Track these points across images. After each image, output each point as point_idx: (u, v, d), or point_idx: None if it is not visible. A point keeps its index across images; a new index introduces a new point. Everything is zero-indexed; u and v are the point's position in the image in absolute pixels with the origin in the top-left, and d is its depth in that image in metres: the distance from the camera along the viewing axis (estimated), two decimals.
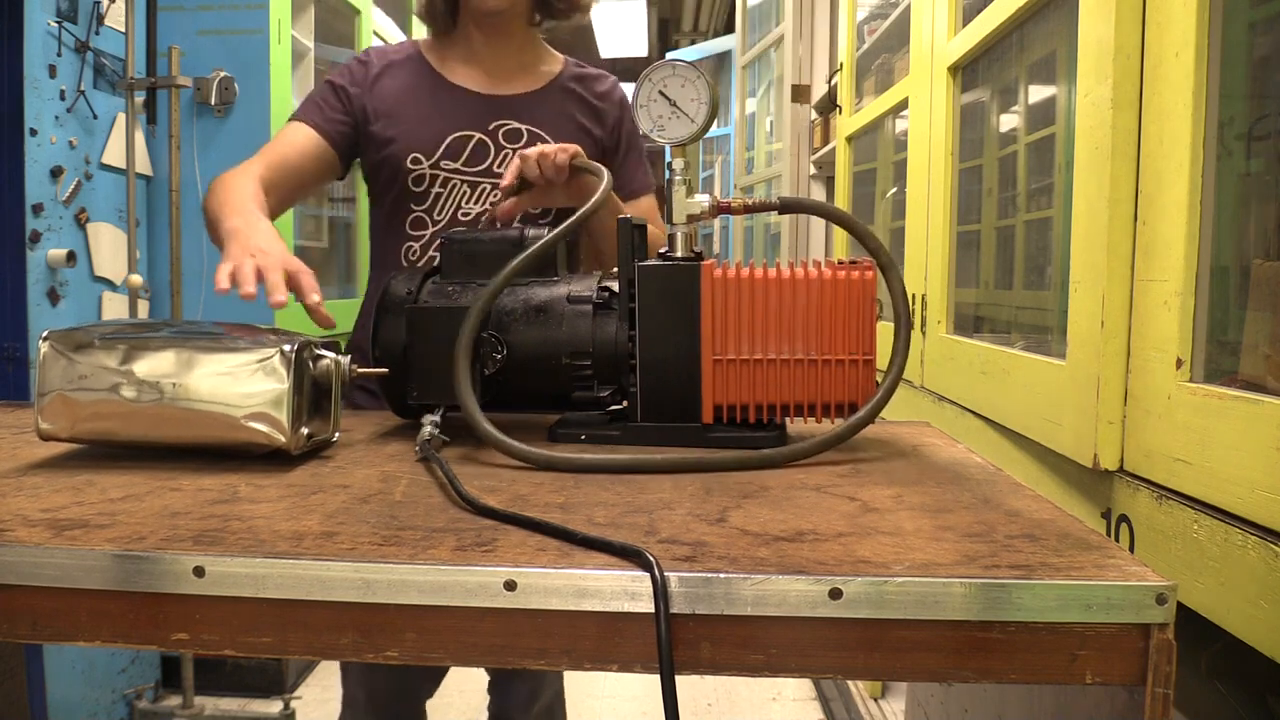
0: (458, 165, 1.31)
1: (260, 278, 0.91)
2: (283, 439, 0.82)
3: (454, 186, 1.31)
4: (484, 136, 1.32)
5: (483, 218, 1.32)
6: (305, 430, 0.84)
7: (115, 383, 0.83)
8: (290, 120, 1.33)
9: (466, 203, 1.32)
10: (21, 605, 0.60)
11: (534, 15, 1.39)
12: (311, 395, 0.86)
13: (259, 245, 0.96)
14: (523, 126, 1.33)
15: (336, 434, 0.92)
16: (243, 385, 0.81)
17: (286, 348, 0.82)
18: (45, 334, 0.85)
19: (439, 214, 1.32)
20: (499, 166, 1.31)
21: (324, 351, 0.88)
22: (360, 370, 0.91)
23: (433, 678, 1.54)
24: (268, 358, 0.82)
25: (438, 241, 1.28)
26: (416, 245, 1.33)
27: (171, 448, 0.86)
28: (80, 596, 0.59)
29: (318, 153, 1.30)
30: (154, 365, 0.82)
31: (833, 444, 0.85)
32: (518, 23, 1.37)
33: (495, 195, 1.31)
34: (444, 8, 1.36)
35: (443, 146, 1.31)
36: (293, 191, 1.31)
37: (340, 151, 1.33)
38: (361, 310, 1.44)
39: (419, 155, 1.30)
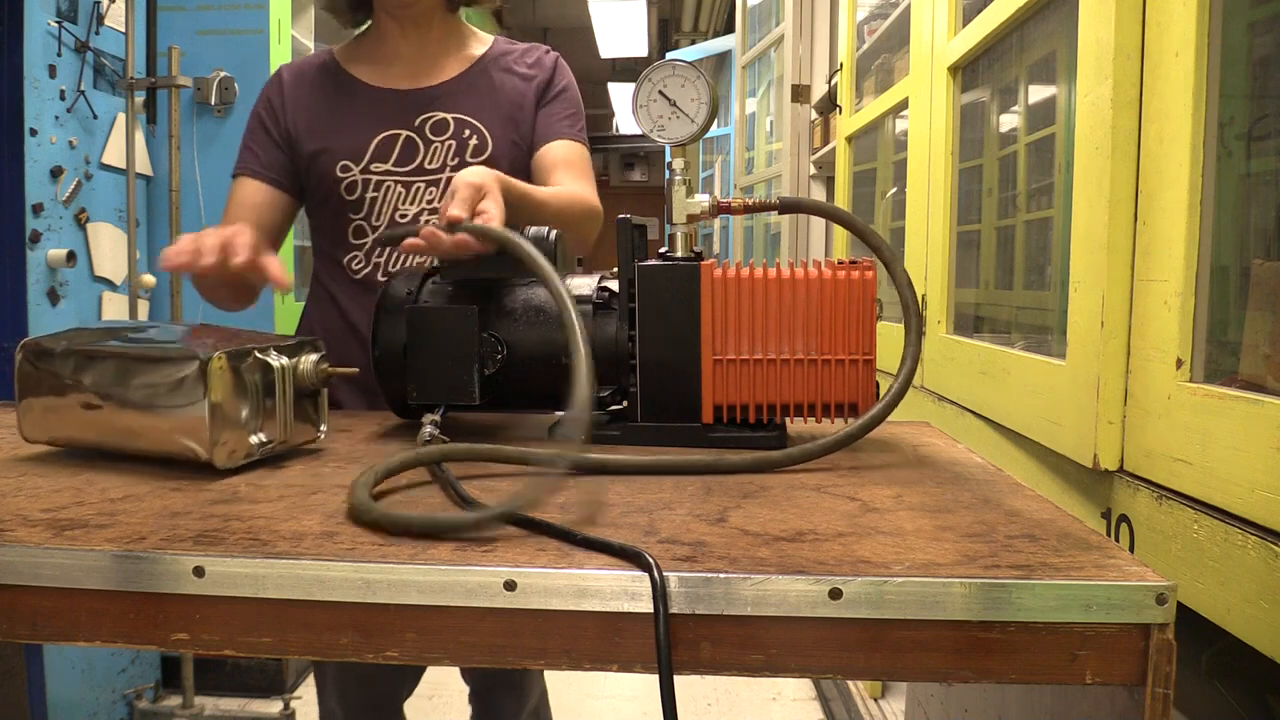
0: (388, 166, 1.27)
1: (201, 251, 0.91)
2: (204, 452, 0.79)
3: (387, 189, 1.27)
4: (411, 133, 1.28)
5: (422, 218, 1.27)
6: (254, 439, 0.82)
7: (70, 392, 0.84)
8: (234, 175, 1.33)
9: (403, 204, 1.28)
10: (21, 605, 0.60)
11: (449, 2, 1.35)
12: (263, 402, 0.83)
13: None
14: (449, 116, 1.29)
15: (321, 435, 0.91)
16: (167, 396, 0.80)
17: (206, 357, 0.78)
18: (22, 343, 0.87)
19: (376, 219, 1.28)
20: (430, 163, 1.28)
21: (274, 356, 0.84)
22: (333, 371, 0.90)
23: (410, 678, 1.52)
24: (188, 369, 0.79)
25: (378, 249, 1.28)
26: (360, 254, 1.30)
27: (124, 455, 0.85)
28: (80, 596, 0.59)
29: (271, 200, 1.31)
30: (98, 376, 0.83)
31: (845, 443, 0.84)
32: (436, 10, 1.33)
33: (431, 193, 1.28)
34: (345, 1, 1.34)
35: (370, 149, 1.27)
36: (270, 239, 1.32)
37: (289, 188, 1.32)
38: (300, 325, 1.39)
39: (348, 162, 1.27)
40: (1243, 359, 0.87)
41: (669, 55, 6.20)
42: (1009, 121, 1.66)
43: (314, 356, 0.88)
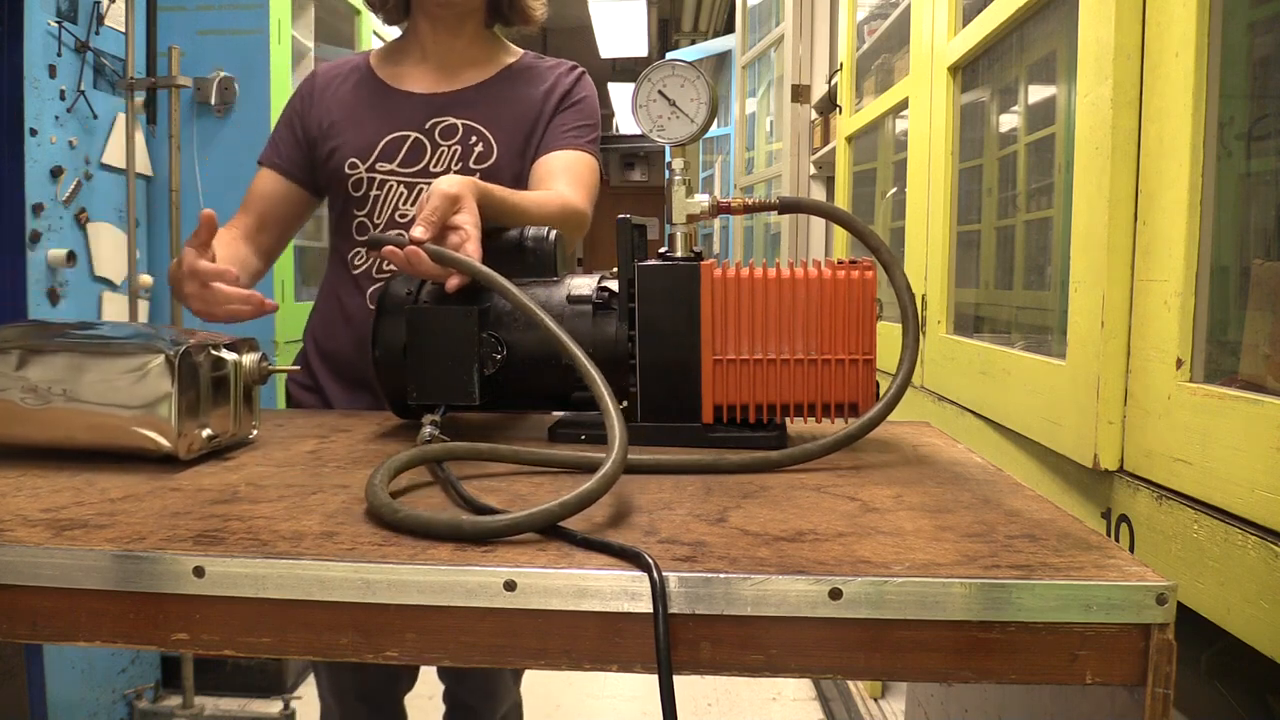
0: (393, 166, 1.29)
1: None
2: (168, 444, 0.81)
3: (390, 188, 1.30)
4: (420, 135, 1.30)
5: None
6: (205, 432, 0.84)
7: (11, 387, 0.83)
8: (259, 162, 1.39)
9: (404, 204, 1.30)
10: (21, 605, 0.60)
11: (488, 16, 1.38)
12: (212, 396, 0.86)
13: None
14: (459, 121, 1.30)
15: (254, 432, 0.93)
16: (128, 390, 0.81)
17: (171, 351, 0.81)
18: None
19: (378, 217, 1.31)
20: (435, 166, 1.29)
21: (226, 352, 0.88)
22: (272, 369, 0.93)
23: (406, 675, 1.53)
24: (153, 362, 0.81)
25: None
26: (362, 250, 1.33)
27: (69, 451, 0.85)
28: (80, 596, 0.59)
29: (285, 193, 1.36)
30: (46, 370, 0.83)
31: (845, 443, 0.84)
32: (471, 20, 1.35)
33: None
34: None
35: (378, 148, 1.30)
36: (281, 229, 1.38)
37: (305, 182, 1.37)
38: (312, 314, 1.42)
39: (356, 160, 1.30)
40: (1243, 359, 0.87)
41: (669, 55, 6.19)
42: (1009, 121, 1.66)
43: (255, 355, 0.92)
